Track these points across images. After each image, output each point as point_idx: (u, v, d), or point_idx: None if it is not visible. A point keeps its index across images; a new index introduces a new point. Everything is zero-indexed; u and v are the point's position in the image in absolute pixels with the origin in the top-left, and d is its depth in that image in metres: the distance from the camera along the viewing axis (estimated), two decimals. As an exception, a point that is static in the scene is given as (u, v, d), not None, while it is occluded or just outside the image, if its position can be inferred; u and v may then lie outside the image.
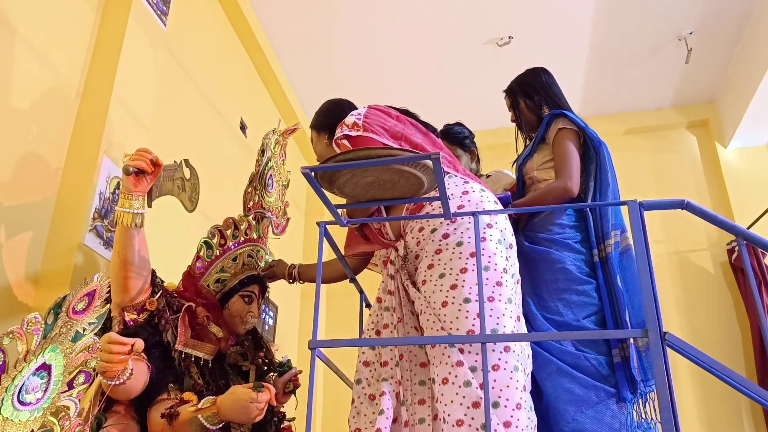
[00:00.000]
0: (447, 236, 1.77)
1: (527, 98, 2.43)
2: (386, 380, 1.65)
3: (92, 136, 2.25)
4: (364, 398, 1.75)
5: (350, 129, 1.93)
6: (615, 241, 2.07)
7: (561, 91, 2.43)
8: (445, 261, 1.73)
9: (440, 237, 1.78)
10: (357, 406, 1.76)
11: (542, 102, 2.39)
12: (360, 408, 1.75)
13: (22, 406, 1.00)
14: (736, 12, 4.05)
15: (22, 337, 1.02)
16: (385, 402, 1.59)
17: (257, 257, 2.20)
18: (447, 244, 1.76)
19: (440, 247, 1.76)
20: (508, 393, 1.54)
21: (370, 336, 1.84)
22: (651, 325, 1.44)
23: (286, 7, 3.94)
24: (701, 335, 4.28)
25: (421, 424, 1.62)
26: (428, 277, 1.75)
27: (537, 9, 4.03)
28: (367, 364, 1.80)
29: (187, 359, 1.84)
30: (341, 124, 1.97)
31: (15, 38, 2.04)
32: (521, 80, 2.49)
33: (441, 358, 1.61)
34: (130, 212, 1.78)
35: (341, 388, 2.39)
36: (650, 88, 4.81)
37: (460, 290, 1.67)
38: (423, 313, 1.71)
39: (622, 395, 1.87)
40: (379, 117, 1.97)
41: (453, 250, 1.74)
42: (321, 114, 2.25)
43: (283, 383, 2.01)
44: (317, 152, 2.26)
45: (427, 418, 1.63)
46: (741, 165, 4.75)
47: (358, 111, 1.99)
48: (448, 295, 1.67)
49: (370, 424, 1.69)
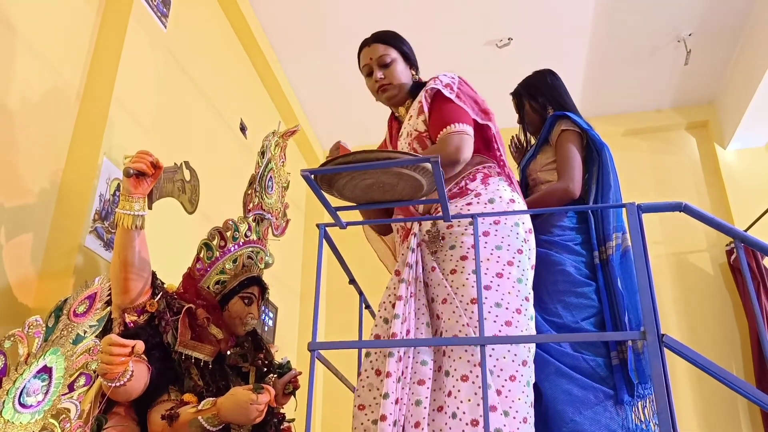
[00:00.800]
0: (487, 234, 1.79)
1: (532, 100, 2.44)
2: (392, 355, 1.61)
3: (92, 138, 2.26)
4: (371, 372, 1.73)
5: (444, 87, 1.91)
6: (616, 243, 2.08)
7: (567, 93, 2.44)
8: (481, 259, 1.73)
9: (480, 233, 1.78)
10: (363, 379, 1.73)
11: (547, 103, 2.40)
12: (365, 382, 1.72)
13: (23, 409, 1.01)
14: (735, 13, 4.06)
15: (23, 340, 1.03)
16: (389, 385, 1.56)
17: (257, 259, 2.20)
18: (486, 243, 1.77)
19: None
20: (518, 405, 1.58)
21: (386, 306, 1.80)
22: (649, 327, 1.44)
23: (286, 9, 3.94)
24: (700, 336, 4.28)
25: (417, 407, 1.56)
26: (460, 269, 1.74)
27: (536, 10, 4.04)
28: (377, 337, 1.77)
29: (187, 360, 1.84)
30: (435, 78, 1.96)
31: (15, 39, 2.04)
32: (527, 82, 2.50)
33: (462, 354, 1.60)
34: (131, 214, 1.79)
35: (340, 390, 2.39)
36: (649, 90, 4.82)
37: (492, 293, 1.69)
38: (447, 302, 1.69)
39: (620, 397, 1.88)
40: (471, 90, 1.98)
41: (492, 252, 1.76)
42: (395, 36, 2.14)
43: (282, 385, 2.02)
44: (394, 70, 2.08)
45: (424, 401, 1.57)
46: (740, 166, 4.75)
47: (450, 75, 1.97)
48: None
49: (373, 401, 1.66)
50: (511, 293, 1.72)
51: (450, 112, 1.88)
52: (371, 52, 2.11)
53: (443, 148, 1.81)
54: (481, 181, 1.91)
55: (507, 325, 1.66)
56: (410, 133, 1.99)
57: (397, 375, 1.58)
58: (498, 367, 1.61)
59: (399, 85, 2.08)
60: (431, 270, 1.78)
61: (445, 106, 1.90)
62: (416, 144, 1.96)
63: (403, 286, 1.73)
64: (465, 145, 1.84)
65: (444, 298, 1.71)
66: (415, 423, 1.54)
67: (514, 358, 1.64)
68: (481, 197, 1.86)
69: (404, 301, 1.70)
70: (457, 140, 1.82)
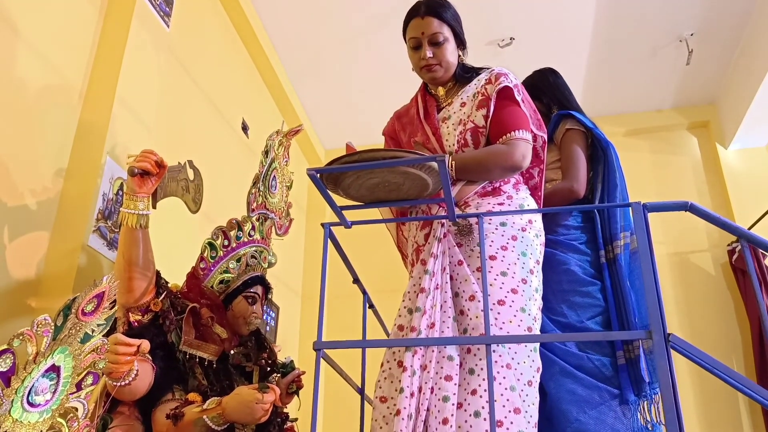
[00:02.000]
0: (515, 239, 1.79)
1: (536, 100, 2.42)
2: (409, 350, 1.60)
3: (95, 137, 2.25)
4: (393, 363, 1.71)
5: (514, 88, 1.88)
6: (625, 242, 2.08)
7: (570, 91, 2.43)
8: (509, 262, 1.74)
9: (509, 236, 1.79)
10: (386, 370, 1.72)
11: (551, 103, 2.39)
12: (387, 373, 1.70)
13: (31, 408, 1.01)
14: (737, 14, 4.06)
15: (32, 338, 1.03)
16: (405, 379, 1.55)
17: (261, 258, 2.20)
18: (514, 247, 1.78)
19: (506, 245, 1.77)
20: (533, 410, 1.61)
21: (411, 296, 1.77)
22: (655, 327, 1.44)
23: (288, 9, 3.94)
24: (701, 336, 4.28)
25: (445, 402, 1.53)
26: (488, 267, 1.73)
27: (538, 10, 4.03)
28: (401, 328, 1.74)
29: (192, 360, 1.84)
30: (505, 74, 1.91)
31: (18, 39, 2.04)
32: (529, 83, 2.48)
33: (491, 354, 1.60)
34: (135, 213, 1.79)
35: (341, 389, 2.40)
36: (651, 90, 4.82)
37: (519, 298, 1.70)
38: (475, 300, 1.67)
39: (625, 397, 1.88)
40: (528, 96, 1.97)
41: (518, 257, 1.77)
42: (451, 11, 2.05)
43: (286, 384, 2.02)
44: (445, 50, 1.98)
45: (452, 397, 1.54)
46: (741, 166, 4.75)
47: (512, 74, 1.93)
48: (507, 297, 1.69)
49: (395, 393, 1.62)
50: (532, 300, 1.73)
51: (518, 117, 1.87)
52: (423, 25, 1.97)
53: (511, 152, 1.81)
54: (513, 186, 1.92)
55: (528, 330, 1.68)
56: (463, 122, 1.92)
57: (412, 369, 1.57)
58: (519, 371, 1.62)
59: (447, 66, 1.99)
60: (458, 263, 1.75)
61: (513, 109, 1.88)
62: (469, 136, 1.90)
63: (427, 278, 1.70)
64: (529, 155, 1.85)
65: (471, 295, 1.69)
66: (443, 419, 1.51)
67: (532, 364, 1.66)
68: (513, 200, 1.87)
69: (427, 293, 1.68)
70: (523, 148, 1.83)
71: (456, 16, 2.04)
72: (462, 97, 1.97)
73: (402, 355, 1.64)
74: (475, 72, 2.05)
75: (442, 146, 1.93)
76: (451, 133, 1.93)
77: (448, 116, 1.97)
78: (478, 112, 1.90)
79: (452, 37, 2.00)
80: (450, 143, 1.92)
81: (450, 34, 1.99)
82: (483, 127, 1.89)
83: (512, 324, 1.65)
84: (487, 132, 1.89)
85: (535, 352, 1.69)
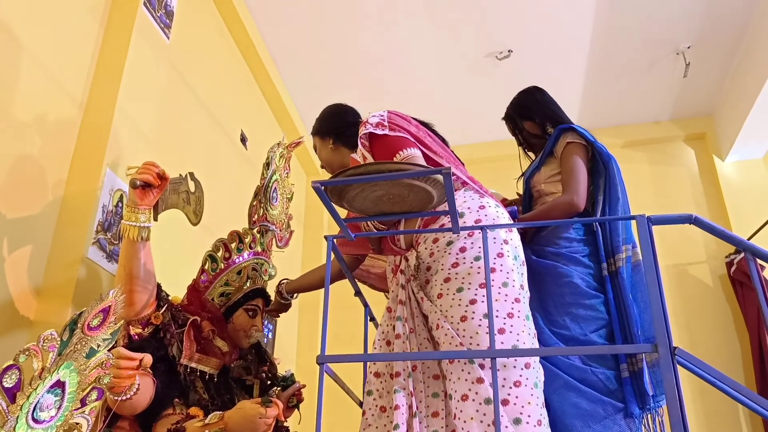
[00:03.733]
0: (464, 250, 1.77)
1: (528, 120, 2.42)
2: (399, 391, 1.62)
3: (96, 149, 2.24)
4: (375, 410, 1.73)
5: (375, 128, 1.92)
6: (626, 255, 2.07)
7: (558, 106, 2.43)
8: (463, 275, 1.73)
9: (457, 250, 1.78)
10: (368, 419, 1.73)
11: (544, 121, 2.38)
12: (370, 420, 1.72)
13: (36, 424, 0.99)
14: (734, 26, 4.09)
15: (37, 354, 1.02)
16: (398, 417, 1.56)
17: (261, 271, 2.19)
18: (464, 258, 1.76)
19: (457, 260, 1.76)
20: (530, 410, 1.56)
21: (380, 346, 1.81)
22: (660, 340, 1.43)
23: (287, 21, 3.95)
24: (700, 348, 4.27)
25: None
26: (445, 291, 1.73)
27: (536, 23, 4.05)
28: (378, 375, 1.77)
29: (193, 373, 1.83)
30: (363, 123, 1.97)
31: (19, 51, 2.03)
32: (518, 104, 2.47)
33: (460, 374, 1.59)
34: (137, 225, 1.78)
35: (343, 402, 2.38)
36: (648, 102, 4.84)
37: (479, 305, 1.67)
38: (440, 327, 1.69)
39: (630, 410, 1.87)
40: (402, 120, 1.97)
41: (471, 265, 1.74)
42: (323, 119, 2.28)
43: (286, 398, 2.00)
44: (322, 158, 2.26)
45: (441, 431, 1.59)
46: (739, 178, 4.77)
47: (379, 113, 1.97)
48: (467, 310, 1.67)
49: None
50: (499, 300, 1.70)
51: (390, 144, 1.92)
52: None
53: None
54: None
55: (500, 333, 1.64)
56: None
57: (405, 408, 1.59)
58: (501, 376, 1.59)
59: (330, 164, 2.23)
60: (421, 300, 1.79)
61: (382, 141, 1.93)
62: None
63: (399, 324, 1.75)
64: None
65: (437, 323, 1.71)
66: None
67: (515, 363, 1.61)
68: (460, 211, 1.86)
69: (403, 339, 1.72)
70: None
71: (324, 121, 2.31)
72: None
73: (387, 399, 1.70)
74: None
75: None
76: None
77: None
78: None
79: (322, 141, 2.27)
80: None
81: (319, 141, 2.29)
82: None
83: (479, 335, 1.63)
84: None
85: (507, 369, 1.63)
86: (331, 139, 2.22)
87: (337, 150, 2.21)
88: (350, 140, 2.15)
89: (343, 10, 3.89)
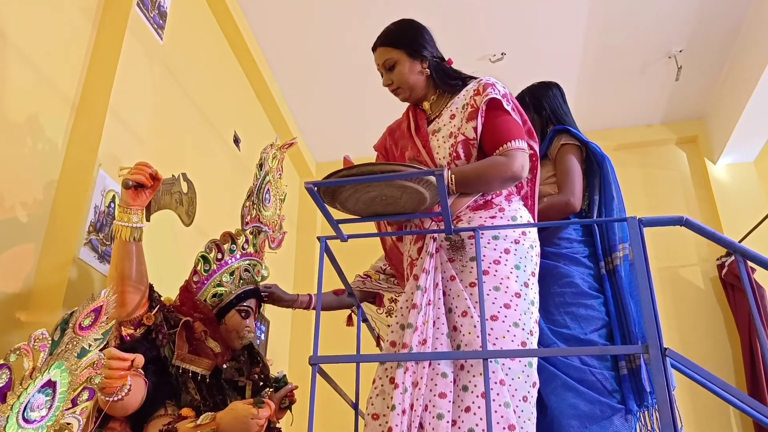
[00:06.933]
0: (507, 252, 1.77)
1: (535, 113, 2.42)
2: (401, 366, 1.58)
3: (88, 149, 2.24)
4: (385, 380, 1.69)
5: (503, 98, 1.86)
6: (624, 254, 2.08)
7: (568, 109, 2.44)
8: (501, 276, 1.71)
9: (502, 249, 1.77)
10: (378, 387, 1.70)
11: (549, 119, 2.40)
12: (379, 390, 1.68)
13: (26, 424, 0.99)
14: (725, 30, 4.12)
15: (28, 353, 1.01)
16: (396, 396, 1.54)
17: (254, 272, 2.19)
18: (507, 261, 1.75)
19: (499, 259, 1.75)
20: (529, 426, 1.58)
21: (402, 311, 1.75)
22: (651, 341, 1.44)
23: (281, 22, 3.95)
24: (691, 349, 4.29)
25: (439, 420, 1.51)
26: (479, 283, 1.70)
27: (529, 26, 4.07)
28: (393, 344, 1.73)
29: (185, 374, 1.82)
30: (492, 84, 1.89)
31: (11, 51, 2.03)
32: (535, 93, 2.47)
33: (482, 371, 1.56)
34: (129, 226, 1.78)
35: (335, 403, 2.38)
36: (640, 105, 4.86)
37: (512, 312, 1.67)
38: (468, 315, 1.65)
39: (629, 407, 1.87)
40: (518, 105, 1.94)
41: (511, 271, 1.74)
42: (418, 36, 2.08)
43: (279, 399, 2.00)
44: (401, 80, 2.04)
45: (447, 414, 1.52)
46: (730, 181, 4.80)
47: (500, 83, 1.91)
48: (500, 312, 1.66)
49: (387, 410, 1.60)
50: (527, 314, 1.70)
51: (511, 127, 1.85)
52: (377, 57, 2.11)
53: (510, 163, 1.79)
54: (506, 198, 1.89)
55: (522, 345, 1.66)
56: (453, 135, 1.91)
57: (404, 386, 1.55)
58: (513, 387, 1.59)
59: (409, 86, 2.03)
60: (450, 279, 1.74)
61: (505, 119, 1.86)
62: (461, 148, 1.88)
63: (419, 294, 1.69)
64: (527, 164, 1.84)
65: (464, 311, 1.67)
66: None
67: (527, 379, 1.63)
68: (505, 213, 1.84)
69: (419, 310, 1.66)
70: (522, 158, 1.81)
71: (405, 33, 2.08)
72: (451, 109, 1.96)
73: (394, 371, 1.62)
74: (461, 80, 2.04)
75: (433, 159, 1.91)
76: (441, 146, 1.92)
77: (438, 129, 1.96)
78: (468, 124, 1.88)
79: (405, 57, 2.03)
80: (441, 156, 1.91)
81: (401, 54, 2.03)
82: (474, 139, 1.87)
83: (505, 339, 1.63)
84: (478, 144, 1.88)
85: (530, 367, 1.66)
86: (427, 63, 2.05)
87: (426, 78, 2.05)
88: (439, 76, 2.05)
89: (337, 12, 3.89)
